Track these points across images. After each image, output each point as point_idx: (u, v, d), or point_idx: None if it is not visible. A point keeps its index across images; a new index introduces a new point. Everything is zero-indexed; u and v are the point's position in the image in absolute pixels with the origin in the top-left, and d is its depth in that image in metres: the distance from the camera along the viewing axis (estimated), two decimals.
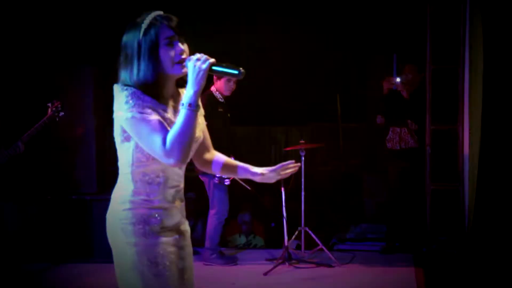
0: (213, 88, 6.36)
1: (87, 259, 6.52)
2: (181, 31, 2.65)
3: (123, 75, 2.65)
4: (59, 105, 5.86)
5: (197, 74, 2.56)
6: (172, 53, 2.62)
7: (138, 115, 2.54)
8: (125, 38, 2.65)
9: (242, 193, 8.72)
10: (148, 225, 2.64)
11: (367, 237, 7.19)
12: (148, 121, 2.54)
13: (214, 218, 6.42)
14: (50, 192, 6.75)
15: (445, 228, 6.77)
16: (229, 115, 6.51)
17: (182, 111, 2.53)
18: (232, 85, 6.37)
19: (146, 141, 2.55)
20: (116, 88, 2.62)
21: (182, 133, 2.51)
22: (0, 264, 5.74)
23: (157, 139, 2.51)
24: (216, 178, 6.12)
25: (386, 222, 6.94)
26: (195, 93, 2.55)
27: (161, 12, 2.67)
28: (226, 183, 6.30)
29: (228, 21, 8.47)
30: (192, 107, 2.53)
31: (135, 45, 2.60)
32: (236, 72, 2.65)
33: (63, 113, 5.90)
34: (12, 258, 5.77)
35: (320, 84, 9.85)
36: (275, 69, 9.40)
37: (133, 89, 2.58)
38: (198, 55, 2.60)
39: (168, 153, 2.51)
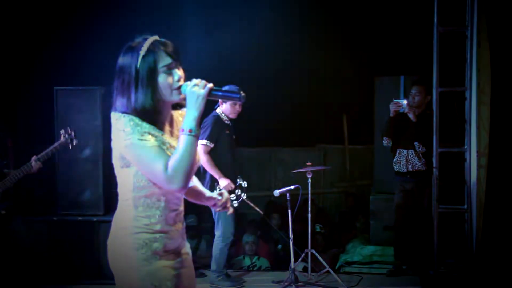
0: (219, 110, 6.39)
1: (93, 281, 6.50)
2: (178, 57, 2.66)
3: (120, 101, 2.65)
4: (73, 133, 5.87)
5: (196, 100, 2.58)
6: (170, 80, 2.63)
7: (138, 142, 2.55)
8: (121, 63, 2.65)
9: (248, 215, 8.74)
10: (151, 250, 2.64)
11: (374, 259, 7.15)
12: (148, 148, 2.55)
13: (219, 241, 6.40)
14: (57, 213, 6.75)
15: (452, 251, 6.73)
16: (234, 136, 6.52)
17: (183, 137, 2.54)
18: (238, 108, 6.40)
19: (147, 168, 2.56)
20: (114, 115, 2.62)
21: (183, 159, 2.52)
22: (8, 284, 5.74)
23: (158, 165, 2.52)
24: None
25: (393, 245, 6.90)
26: (195, 118, 2.57)
27: (157, 37, 2.68)
28: (234, 205, 6.28)
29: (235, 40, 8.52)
30: (193, 133, 2.55)
31: (133, 71, 2.60)
32: (236, 96, 2.67)
33: (76, 141, 5.91)
34: (20, 279, 5.74)
35: (327, 106, 9.86)
36: (283, 91, 9.42)
37: (131, 116, 2.59)
38: (195, 81, 2.61)
39: (170, 179, 2.52)
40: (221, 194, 3.07)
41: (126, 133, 2.57)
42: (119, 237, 2.69)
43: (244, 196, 6.31)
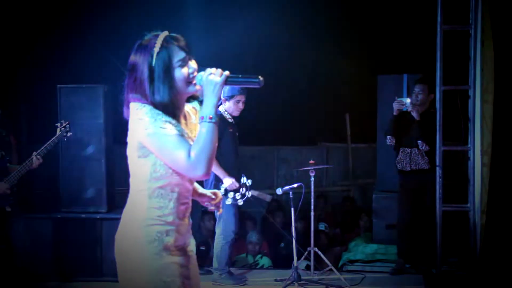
0: (221, 108, 6.38)
1: (96, 278, 6.51)
2: (190, 50, 2.69)
3: (133, 97, 2.67)
4: (68, 125, 5.93)
5: (214, 88, 2.62)
6: (186, 73, 2.66)
7: (159, 131, 2.57)
8: (134, 60, 2.68)
9: (251, 213, 8.74)
10: (162, 244, 2.65)
11: (377, 258, 7.15)
12: (170, 136, 2.57)
13: (220, 238, 6.41)
14: (60, 210, 6.76)
15: (455, 249, 6.72)
16: (237, 134, 6.52)
17: (204, 124, 2.59)
18: (240, 106, 6.40)
19: (169, 156, 2.58)
20: (134, 105, 2.64)
21: (205, 145, 2.56)
22: (11, 281, 5.75)
23: (181, 153, 2.55)
24: (231, 198, 6.05)
25: (396, 243, 6.89)
26: (214, 106, 2.61)
27: (167, 32, 2.70)
28: (239, 203, 6.27)
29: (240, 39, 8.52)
30: (213, 119, 2.59)
31: (146, 68, 2.63)
32: (255, 80, 2.68)
33: (71, 133, 5.99)
34: (22, 275, 5.76)
35: (330, 105, 9.85)
36: (285, 89, 9.42)
37: (151, 106, 2.61)
38: (210, 70, 2.64)
39: (193, 166, 2.55)
40: (215, 194, 3.10)
41: (147, 122, 2.59)
42: (129, 230, 2.69)
43: (249, 194, 6.30)
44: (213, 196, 3.08)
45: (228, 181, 6.17)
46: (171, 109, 2.66)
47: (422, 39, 7.32)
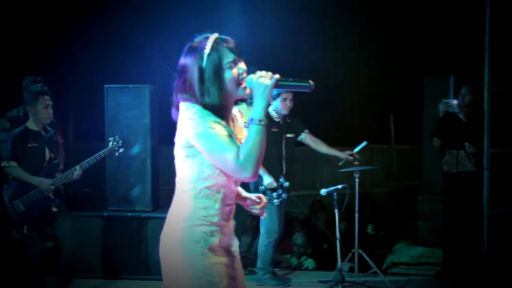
0: (270, 108, 6.39)
1: (141, 276, 6.58)
2: (240, 52, 2.70)
3: (183, 97, 2.69)
4: (120, 141, 6.04)
5: (264, 90, 2.63)
6: (235, 75, 2.67)
7: (209, 131, 2.59)
8: (184, 62, 2.70)
9: (293, 214, 8.73)
10: (208, 244, 2.66)
11: (422, 261, 7.06)
12: (219, 136, 2.58)
13: (264, 238, 6.42)
14: (106, 209, 6.85)
15: (503, 253, 6.59)
16: (287, 135, 6.49)
17: (253, 126, 2.59)
18: (288, 103, 6.40)
19: (218, 156, 2.60)
20: (184, 105, 2.66)
21: (254, 147, 2.57)
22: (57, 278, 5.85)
23: (230, 154, 2.56)
24: (267, 197, 6.08)
25: (442, 246, 6.80)
26: (263, 108, 2.62)
27: (217, 35, 2.71)
28: (274, 203, 6.28)
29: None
30: (262, 122, 2.60)
31: (197, 69, 2.65)
32: (306, 84, 2.68)
33: (123, 150, 6.10)
34: (68, 272, 5.85)
35: (375, 106, 9.78)
36: (329, 90, 9.37)
37: (201, 107, 2.63)
38: (260, 72, 2.65)
39: (242, 166, 2.56)
40: (259, 198, 3.09)
41: (197, 122, 2.60)
42: (175, 230, 2.70)
43: (285, 196, 6.30)
44: (258, 200, 3.08)
45: (267, 180, 6.19)
46: (220, 110, 2.67)
47: (470, 39, 7.20)
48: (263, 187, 6.21)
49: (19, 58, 7.80)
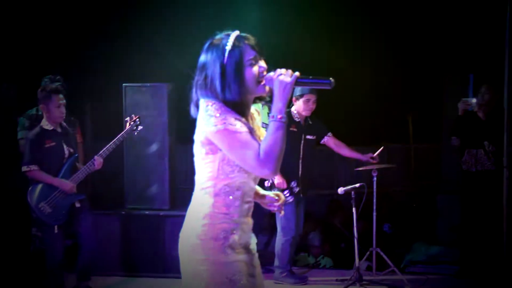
0: (292, 108, 6.41)
1: (159, 273, 6.60)
2: (261, 50, 2.71)
3: (203, 94, 2.69)
4: (138, 120, 5.98)
5: (284, 88, 2.63)
6: (256, 72, 2.67)
7: (230, 127, 2.59)
8: (205, 58, 2.70)
9: (313, 213, 8.71)
10: (228, 241, 2.66)
11: (441, 260, 7.02)
12: (240, 133, 2.59)
13: (280, 236, 6.42)
14: (125, 207, 6.89)
15: None
16: (306, 137, 6.48)
17: (273, 123, 2.60)
18: (310, 105, 6.40)
19: (238, 153, 2.60)
20: (205, 101, 2.66)
21: (275, 144, 2.57)
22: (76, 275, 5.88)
23: (251, 150, 2.57)
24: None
25: (460, 246, 6.76)
26: (283, 106, 2.62)
27: (238, 32, 2.72)
28: (289, 200, 6.27)
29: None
30: (283, 119, 2.60)
31: (218, 66, 2.65)
32: (326, 81, 2.68)
33: (141, 127, 6.03)
34: (88, 269, 5.88)
35: (393, 104, 9.73)
36: (347, 89, 9.34)
37: (221, 103, 2.63)
38: (280, 70, 2.65)
39: (263, 163, 2.56)
40: (277, 195, 3.09)
41: (218, 119, 2.60)
42: (195, 227, 2.69)
43: (290, 199, 6.28)
44: (276, 197, 3.08)
45: (278, 179, 6.19)
46: (241, 107, 2.68)
47: (490, 38, 7.15)
48: (269, 184, 6.17)
49: (40, 57, 7.86)
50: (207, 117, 2.62)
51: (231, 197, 2.69)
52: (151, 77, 7.28)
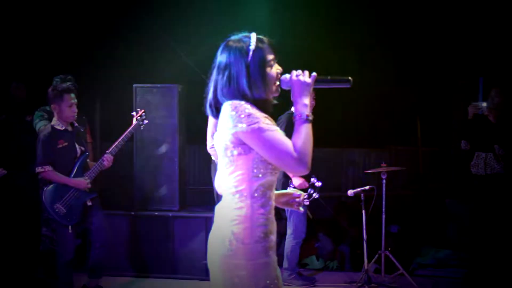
0: (293, 108, 6.39)
1: (168, 274, 6.61)
2: (276, 52, 2.75)
3: (227, 94, 2.68)
4: (144, 113, 6.03)
5: (304, 88, 2.69)
6: (275, 73, 2.70)
7: (264, 126, 2.59)
8: (227, 58, 2.69)
9: (321, 216, 8.72)
10: (267, 242, 2.64)
11: (450, 263, 7.01)
12: (275, 132, 2.61)
13: (291, 238, 6.43)
14: (134, 208, 6.91)
15: None
16: None
17: (302, 122, 2.65)
18: (311, 103, 6.40)
19: (274, 151, 2.59)
20: (232, 102, 2.63)
21: (307, 142, 2.60)
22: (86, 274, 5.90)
23: (286, 148, 2.58)
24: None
25: (470, 249, 6.75)
26: (307, 105, 2.68)
27: (255, 34, 2.74)
28: (305, 203, 6.27)
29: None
30: (310, 117, 2.66)
31: (243, 65, 2.66)
32: (344, 80, 2.71)
33: (147, 121, 6.08)
34: (99, 267, 5.88)
35: (402, 107, 9.73)
36: (355, 91, 9.34)
37: (250, 103, 2.64)
38: (296, 71, 2.67)
39: (299, 160, 2.57)
40: (297, 192, 3.08)
41: (250, 117, 2.59)
42: (232, 230, 2.62)
43: (316, 195, 6.28)
44: (298, 193, 3.08)
45: (297, 181, 6.19)
46: (266, 106, 2.71)
47: (500, 42, 7.14)
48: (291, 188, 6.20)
49: (48, 56, 7.89)
50: (236, 117, 2.59)
51: (266, 198, 2.67)
52: (161, 78, 7.30)
